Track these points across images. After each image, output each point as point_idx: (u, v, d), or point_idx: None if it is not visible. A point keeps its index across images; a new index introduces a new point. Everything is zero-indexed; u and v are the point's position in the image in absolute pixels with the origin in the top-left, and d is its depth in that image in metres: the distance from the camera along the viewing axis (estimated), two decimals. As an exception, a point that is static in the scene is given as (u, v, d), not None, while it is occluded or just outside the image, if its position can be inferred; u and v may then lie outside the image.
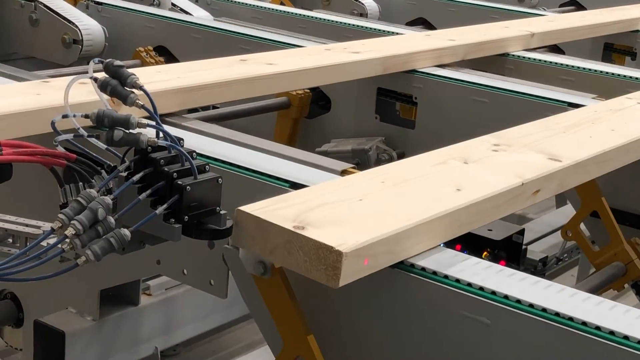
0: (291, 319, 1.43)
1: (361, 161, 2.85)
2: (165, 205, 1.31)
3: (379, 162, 2.85)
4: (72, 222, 1.25)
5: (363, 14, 4.77)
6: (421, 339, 1.43)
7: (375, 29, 3.70)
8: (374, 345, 1.48)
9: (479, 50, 3.29)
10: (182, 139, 1.37)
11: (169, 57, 3.54)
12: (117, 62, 1.38)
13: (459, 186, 1.65)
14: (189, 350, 2.16)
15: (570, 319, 1.30)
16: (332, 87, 3.11)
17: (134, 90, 1.41)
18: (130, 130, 1.33)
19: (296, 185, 1.71)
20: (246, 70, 2.50)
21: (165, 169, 1.33)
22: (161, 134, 1.36)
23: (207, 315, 2.05)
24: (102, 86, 1.38)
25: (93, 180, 1.40)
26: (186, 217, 1.33)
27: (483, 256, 2.28)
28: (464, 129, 2.40)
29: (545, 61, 3.31)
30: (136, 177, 1.32)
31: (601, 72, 3.11)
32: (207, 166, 1.39)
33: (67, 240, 1.25)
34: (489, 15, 4.45)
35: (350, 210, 1.49)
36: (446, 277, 1.41)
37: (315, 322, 1.47)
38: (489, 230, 2.29)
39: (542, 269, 2.67)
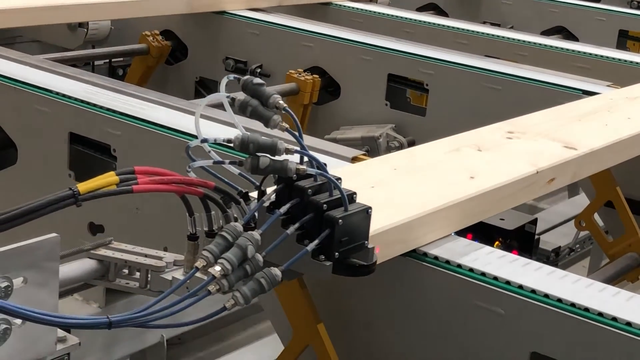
0: (302, 308, 1.40)
1: (371, 149, 2.82)
2: (316, 241, 1.19)
3: (388, 149, 2.82)
4: (219, 261, 1.11)
5: (372, 0, 4.72)
6: (433, 329, 1.40)
7: (380, 13, 3.66)
8: (385, 335, 1.45)
9: None
10: (325, 164, 1.23)
11: (176, 41, 3.51)
12: (257, 80, 1.23)
13: (472, 174, 1.61)
14: (195, 338, 2.13)
15: (587, 309, 1.28)
16: (342, 73, 3.08)
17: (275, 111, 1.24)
18: (277, 157, 1.20)
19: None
20: (46, 1, 2.81)
21: (314, 199, 1.21)
22: (305, 159, 1.21)
23: (214, 304, 2.02)
24: (242, 107, 1.22)
25: (229, 210, 1.25)
26: (337, 253, 1.21)
27: (495, 246, 2.25)
28: (476, 117, 2.37)
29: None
30: (283, 209, 1.19)
31: (616, 59, 3.08)
32: (355, 195, 1.25)
33: (215, 281, 1.11)
34: (501, 1, 4.44)
35: (362, 198, 1.45)
36: (459, 266, 1.38)
37: (325, 312, 1.44)
38: (501, 219, 2.26)
39: (554, 259, 2.64)
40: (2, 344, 1.09)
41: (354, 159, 1.82)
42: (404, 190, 1.52)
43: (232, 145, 1.19)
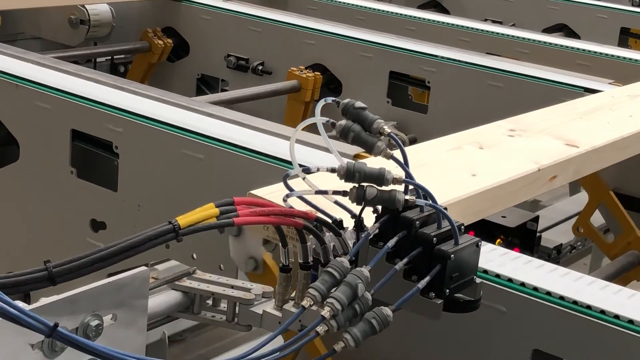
0: None
1: (372, 146, 2.81)
2: (427, 278, 1.12)
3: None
4: (328, 300, 1.04)
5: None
6: (434, 327, 1.40)
7: (385, 11, 3.67)
8: (384, 333, 1.45)
9: None
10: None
11: (178, 38, 3.51)
12: (359, 104, 1.16)
13: (474, 172, 1.61)
14: (196, 336, 2.14)
15: (589, 307, 1.27)
16: (343, 70, 3.07)
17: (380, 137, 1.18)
18: (384, 187, 1.14)
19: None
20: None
21: (422, 232, 1.14)
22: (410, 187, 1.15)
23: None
24: (343, 133, 1.15)
25: (327, 243, 1.17)
26: (447, 290, 1.14)
27: (496, 243, 2.25)
28: (478, 114, 2.37)
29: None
30: (391, 243, 1.12)
31: (618, 57, 3.08)
32: (462, 226, 1.17)
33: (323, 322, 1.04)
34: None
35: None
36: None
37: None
38: (502, 217, 2.27)
39: (556, 256, 2.65)
40: None
41: (356, 156, 1.81)
42: (406, 187, 1.51)
43: (335, 174, 1.13)
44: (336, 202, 1.18)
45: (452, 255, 1.13)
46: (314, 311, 1.05)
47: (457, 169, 1.63)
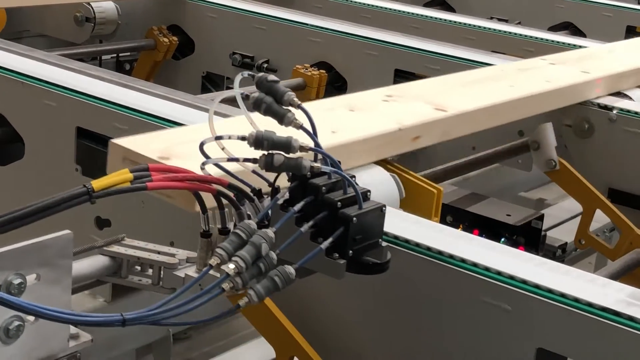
0: (273, 325, 1.39)
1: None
2: (330, 239, 1.20)
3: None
4: (233, 258, 1.12)
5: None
6: (438, 324, 1.40)
7: (391, 9, 3.67)
8: (386, 332, 1.45)
9: None
10: (340, 161, 1.25)
11: (183, 36, 3.51)
12: (272, 77, 1.24)
13: (335, 129, 1.66)
14: (201, 333, 2.14)
15: (589, 304, 1.27)
16: (348, 68, 3.08)
17: (290, 108, 1.24)
18: (291, 155, 1.21)
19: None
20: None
21: (328, 197, 1.22)
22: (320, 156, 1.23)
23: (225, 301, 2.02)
24: (256, 104, 1.23)
25: (242, 208, 1.24)
26: (351, 251, 1.22)
27: (501, 242, 2.25)
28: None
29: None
30: (297, 207, 1.20)
31: (623, 55, 3.06)
32: (368, 193, 1.26)
33: (229, 279, 1.11)
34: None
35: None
36: (463, 260, 1.38)
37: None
38: (507, 215, 2.26)
39: (561, 255, 2.64)
40: (15, 341, 1.09)
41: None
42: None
43: (246, 142, 1.20)
44: (254, 172, 1.24)
45: (355, 218, 1.21)
46: (222, 270, 1.11)
47: (321, 127, 1.66)
